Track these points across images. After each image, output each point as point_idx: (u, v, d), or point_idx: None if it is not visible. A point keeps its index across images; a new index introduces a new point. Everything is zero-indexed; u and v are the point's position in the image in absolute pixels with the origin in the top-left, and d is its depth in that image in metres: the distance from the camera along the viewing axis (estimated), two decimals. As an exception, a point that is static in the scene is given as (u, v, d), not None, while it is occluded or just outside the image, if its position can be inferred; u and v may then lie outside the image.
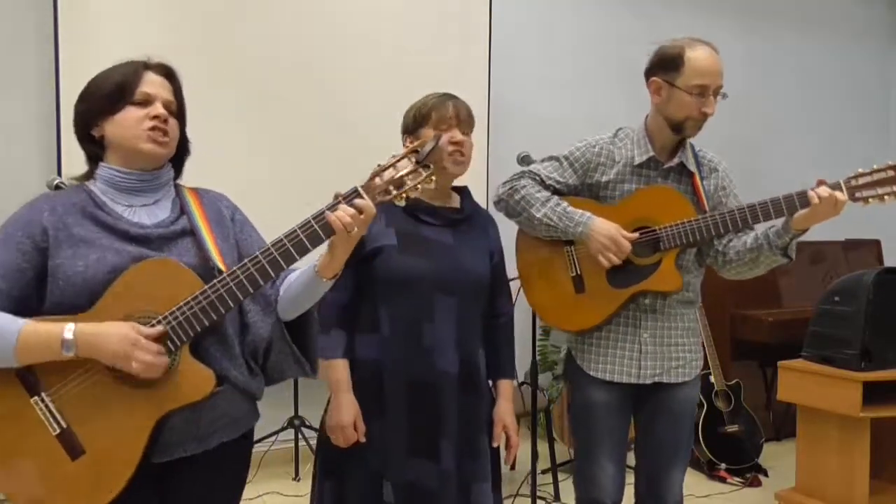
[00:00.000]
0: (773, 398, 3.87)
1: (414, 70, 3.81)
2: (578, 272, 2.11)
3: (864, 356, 2.87)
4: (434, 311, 1.88)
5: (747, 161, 2.17)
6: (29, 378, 1.39)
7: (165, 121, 1.49)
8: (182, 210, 1.55)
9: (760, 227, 2.02)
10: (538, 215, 2.08)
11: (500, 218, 2.19)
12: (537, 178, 2.14)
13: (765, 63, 5.25)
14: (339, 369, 1.88)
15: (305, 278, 1.54)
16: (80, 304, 1.39)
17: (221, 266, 1.46)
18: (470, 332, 1.94)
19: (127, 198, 1.51)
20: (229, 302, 1.41)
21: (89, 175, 1.55)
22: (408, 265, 1.88)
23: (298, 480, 3.67)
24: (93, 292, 1.39)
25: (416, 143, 1.48)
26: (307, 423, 3.74)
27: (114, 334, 1.34)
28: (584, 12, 4.66)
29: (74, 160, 3.26)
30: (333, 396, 1.89)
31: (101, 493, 1.39)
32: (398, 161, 1.46)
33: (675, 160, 2.08)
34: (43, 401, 1.39)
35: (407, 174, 1.45)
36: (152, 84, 1.50)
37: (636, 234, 2.03)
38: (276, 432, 3.73)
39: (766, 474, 3.81)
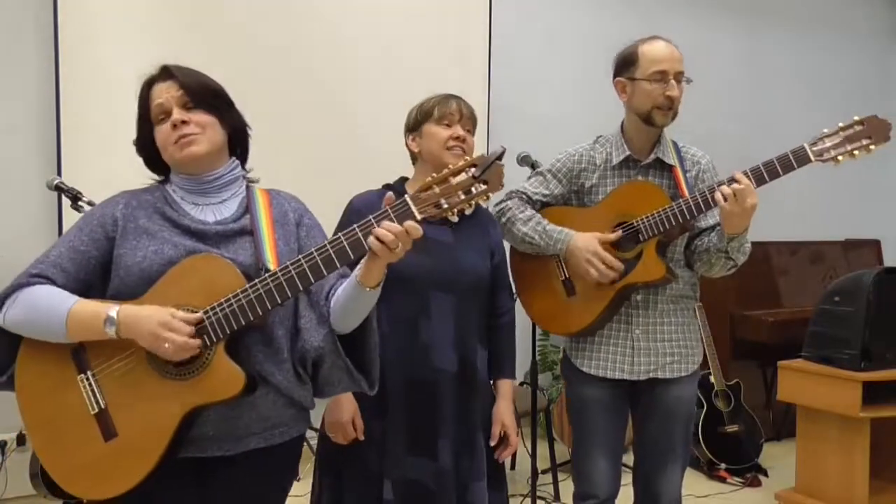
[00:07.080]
0: (773, 398, 3.88)
1: (414, 70, 3.80)
2: (567, 276, 2.15)
3: (864, 356, 2.87)
4: (431, 307, 1.88)
5: (747, 161, 2.16)
6: (80, 356, 1.44)
7: (186, 122, 1.50)
8: (247, 209, 1.56)
9: None
10: (519, 234, 2.14)
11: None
12: (524, 196, 2.22)
13: (765, 63, 5.25)
14: None
15: (350, 288, 1.50)
16: (135, 294, 1.44)
17: (272, 268, 1.45)
18: (468, 330, 1.93)
19: (196, 198, 1.56)
20: (267, 303, 1.40)
21: (167, 179, 1.60)
22: (404, 263, 1.83)
23: (298, 480, 3.66)
24: (148, 283, 1.43)
25: (475, 158, 1.37)
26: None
27: (151, 315, 1.37)
28: (584, 12, 4.66)
29: (74, 160, 3.32)
30: None
31: (122, 479, 1.40)
32: (453, 174, 1.37)
33: (652, 156, 2.12)
34: (88, 379, 1.43)
35: (461, 188, 1.35)
36: (160, 94, 1.52)
37: (617, 233, 2.06)
38: (276, 432, 3.73)
39: (766, 474, 3.81)
